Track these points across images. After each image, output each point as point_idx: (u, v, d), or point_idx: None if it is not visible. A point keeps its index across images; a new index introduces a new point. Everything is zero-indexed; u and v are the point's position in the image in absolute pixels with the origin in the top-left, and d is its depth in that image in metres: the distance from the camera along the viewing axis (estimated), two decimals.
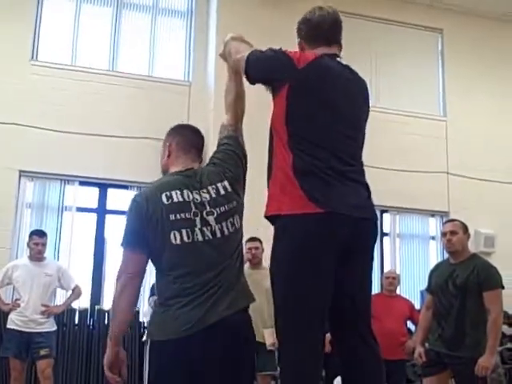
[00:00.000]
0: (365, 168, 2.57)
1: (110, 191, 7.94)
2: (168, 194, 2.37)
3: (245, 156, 2.62)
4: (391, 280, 6.21)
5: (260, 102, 2.80)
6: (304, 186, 2.33)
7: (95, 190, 7.90)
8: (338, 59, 2.60)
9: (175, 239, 2.32)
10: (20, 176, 7.46)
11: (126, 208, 7.67)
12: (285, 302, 2.36)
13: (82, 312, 7.04)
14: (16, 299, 5.86)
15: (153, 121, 7.74)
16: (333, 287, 2.35)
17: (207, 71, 8.09)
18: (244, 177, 2.59)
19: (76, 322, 6.98)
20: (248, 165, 2.63)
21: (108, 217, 7.87)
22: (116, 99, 7.79)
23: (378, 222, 2.56)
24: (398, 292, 6.63)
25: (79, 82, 7.71)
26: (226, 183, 2.46)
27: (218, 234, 2.37)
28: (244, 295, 2.41)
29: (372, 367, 2.42)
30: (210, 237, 2.36)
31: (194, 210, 2.37)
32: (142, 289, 2.47)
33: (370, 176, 2.64)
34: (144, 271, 2.38)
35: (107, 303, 7.33)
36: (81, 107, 7.63)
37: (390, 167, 8.06)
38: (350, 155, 2.44)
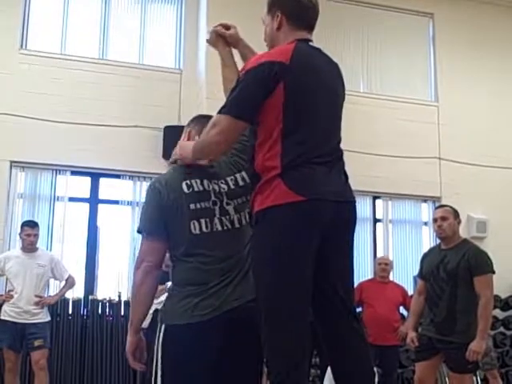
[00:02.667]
0: (357, 154, 2.57)
1: (102, 180, 7.90)
2: (188, 182, 2.37)
3: None
4: (384, 266, 6.24)
5: None
6: (285, 180, 2.30)
7: (87, 180, 7.86)
8: (311, 43, 2.54)
9: (195, 229, 2.33)
10: (11, 166, 7.41)
11: (118, 197, 7.61)
12: (267, 290, 2.33)
13: (76, 302, 7.02)
14: (9, 290, 5.87)
15: (144, 109, 7.73)
16: (312, 274, 2.33)
17: (198, 58, 8.04)
18: None
19: (70, 312, 6.96)
20: None
21: (100, 206, 7.84)
22: (106, 88, 7.73)
23: (360, 206, 2.55)
24: (391, 278, 6.66)
25: (69, 71, 7.64)
26: (243, 174, 2.46)
27: (237, 224, 2.40)
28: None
29: (361, 352, 2.42)
30: (229, 226, 2.38)
31: (213, 198, 2.38)
32: None
33: (362, 162, 2.64)
34: (163, 260, 2.39)
35: (101, 293, 7.33)
36: (71, 96, 7.57)
37: (381, 153, 8.05)
38: (329, 143, 2.41)
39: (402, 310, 6.39)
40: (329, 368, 5.18)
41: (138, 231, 2.41)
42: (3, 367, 5.91)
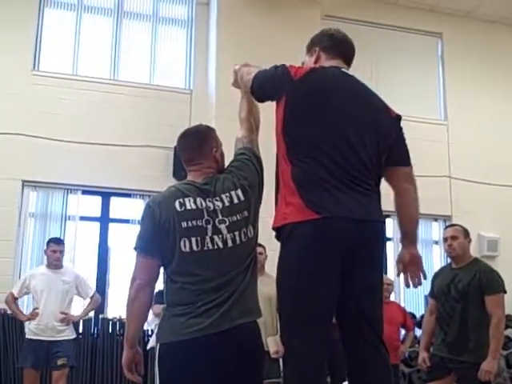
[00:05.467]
0: None
1: (113, 200, 7.94)
2: (181, 200, 2.40)
3: (261, 165, 2.65)
4: (386, 286, 6.21)
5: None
6: (302, 195, 2.37)
7: (98, 199, 7.90)
8: (344, 70, 2.66)
9: (185, 247, 2.36)
10: (23, 186, 7.46)
11: (128, 216, 7.63)
12: (289, 307, 2.40)
13: (86, 321, 7.00)
14: (34, 309, 5.81)
15: (155, 129, 7.79)
16: (338, 290, 2.37)
17: (208, 79, 8.12)
18: (261, 185, 2.61)
19: (80, 331, 6.94)
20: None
21: (111, 225, 7.88)
22: (118, 108, 7.81)
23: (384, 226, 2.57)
24: (392, 298, 6.69)
25: (81, 91, 7.73)
26: (239, 192, 2.48)
27: (230, 243, 2.40)
28: (255, 308, 2.45)
29: (378, 371, 2.43)
30: (221, 246, 2.38)
31: (206, 217, 2.39)
32: None
33: None
34: (157, 277, 2.43)
35: (111, 312, 7.33)
36: (83, 116, 7.65)
37: None
38: (353, 164, 2.44)
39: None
40: None
41: (134, 249, 2.44)
42: None
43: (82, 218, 7.73)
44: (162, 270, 2.47)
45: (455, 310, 4.31)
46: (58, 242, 6.02)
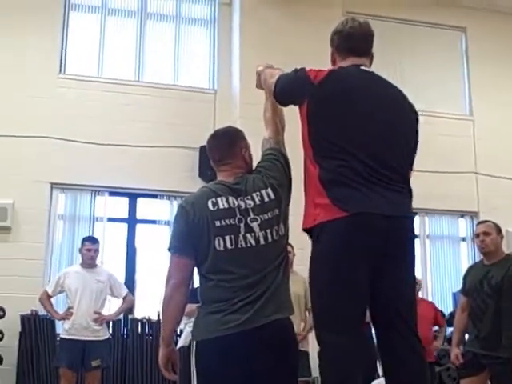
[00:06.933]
0: None
1: (140, 201, 8.01)
2: (214, 200, 2.45)
3: (288, 165, 2.68)
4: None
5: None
6: (330, 195, 2.40)
7: (125, 200, 7.97)
8: (364, 67, 2.65)
9: (219, 245, 2.40)
10: (52, 188, 7.57)
11: (155, 217, 7.65)
12: (321, 303, 2.43)
13: (116, 322, 7.04)
14: (68, 307, 5.80)
15: (180, 129, 7.84)
16: (368, 287, 2.39)
17: (232, 79, 8.14)
18: (289, 184, 2.65)
19: (110, 331, 7.01)
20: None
21: (138, 226, 7.95)
22: (143, 109, 7.88)
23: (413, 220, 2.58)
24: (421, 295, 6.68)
25: (106, 93, 7.81)
26: (269, 190, 2.51)
27: (262, 241, 2.43)
28: (288, 305, 2.48)
29: (414, 367, 2.43)
30: (253, 243, 2.42)
31: (238, 216, 2.43)
32: None
33: None
34: (191, 277, 2.48)
35: (140, 312, 7.38)
36: (108, 118, 7.73)
37: (417, 169, 7.95)
38: (379, 161, 2.45)
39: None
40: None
41: (168, 249, 2.49)
42: None
43: (110, 220, 7.81)
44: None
45: (488, 305, 4.29)
46: (92, 240, 6.03)
